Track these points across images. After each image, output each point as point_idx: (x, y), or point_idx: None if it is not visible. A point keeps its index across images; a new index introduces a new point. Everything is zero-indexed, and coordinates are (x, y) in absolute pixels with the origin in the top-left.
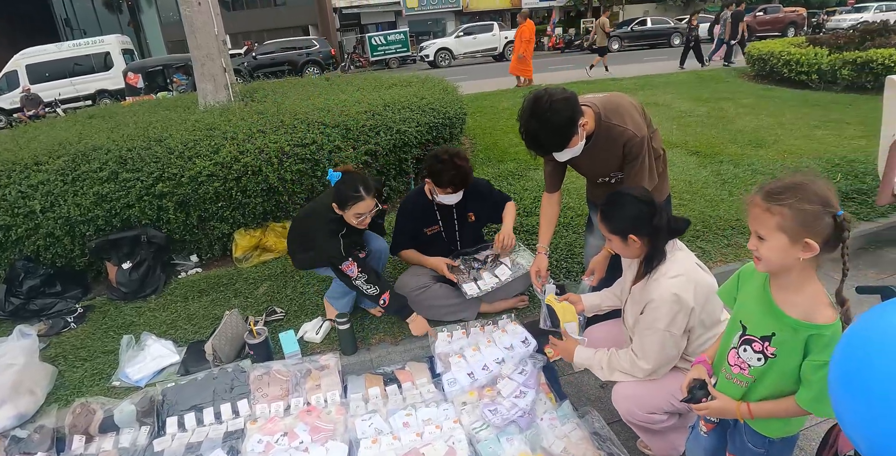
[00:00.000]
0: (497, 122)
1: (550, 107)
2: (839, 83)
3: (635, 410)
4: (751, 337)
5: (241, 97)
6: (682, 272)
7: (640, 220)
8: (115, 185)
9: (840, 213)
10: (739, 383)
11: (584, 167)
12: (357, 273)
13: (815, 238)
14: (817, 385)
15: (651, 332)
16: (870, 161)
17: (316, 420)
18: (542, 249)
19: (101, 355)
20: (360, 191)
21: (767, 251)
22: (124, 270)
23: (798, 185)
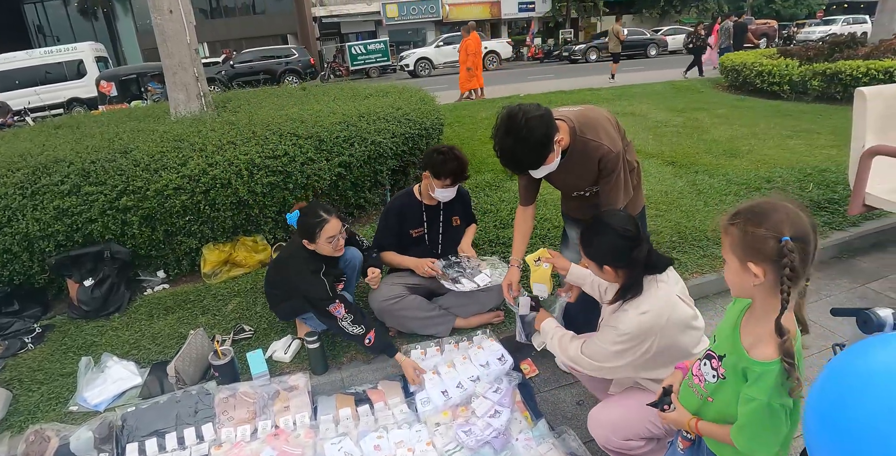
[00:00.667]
0: (475, 133)
1: (526, 124)
2: (809, 94)
3: (612, 437)
4: (712, 353)
5: (213, 107)
6: (654, 310)
7: (618, 253)
8: (76, 198)
9: (784, 240)
10: (696, 393)
11: (558, 181)
12: (343, 314)
13: (761, 263)
14: (743, 417)
15: (602, 347)
16: (840, 171)
17: (284, 444)
18: (514, 262)
19: (59, 378)
20: (322, 215)
21: (726, 273)
22: (86, 288)
23: (755, 207)
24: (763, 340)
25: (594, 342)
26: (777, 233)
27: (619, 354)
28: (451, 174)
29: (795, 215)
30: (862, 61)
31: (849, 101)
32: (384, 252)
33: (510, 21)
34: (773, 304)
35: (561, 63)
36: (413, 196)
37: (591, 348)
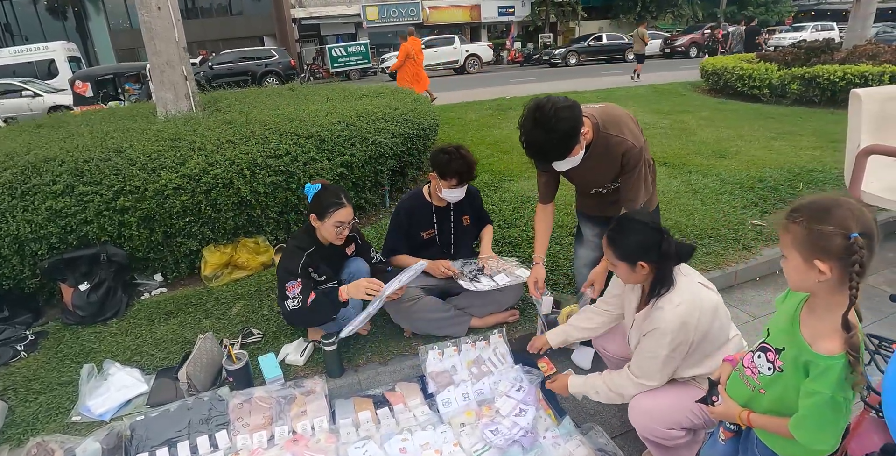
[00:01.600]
0: (466, 134)
1: (555, 115)
2: (788, 97)
3: (654, 425)
4: (767, 345)
5: (203, 107)
6: (686, 300)
7: (649, 246)
8: (70, 199)
9: (853, 236)
10: (748, 386)
11: (578, 178)
12: (295, 294)
13: (827, 260)
14: (804, 410)
15: (653, 357)
16: (827, 170)
17: (304, 450)
18: (538, 259)
19: (58, 387)
20: (342, 198)
21: (786, 269)
22: (81, 292)
23: (817, 203)
24: (826, 335)
25: (640, 359)
26: (845, 229)
27: (671, 356)
28: (456, 174)
29: (860, 211)
30: (838, 66)
31: (827, 104)
32: (397, 256)
33: (490, 25)
34: (838, 299)
35: (541, 67)
36: (422, 198)
37: (642, 366)
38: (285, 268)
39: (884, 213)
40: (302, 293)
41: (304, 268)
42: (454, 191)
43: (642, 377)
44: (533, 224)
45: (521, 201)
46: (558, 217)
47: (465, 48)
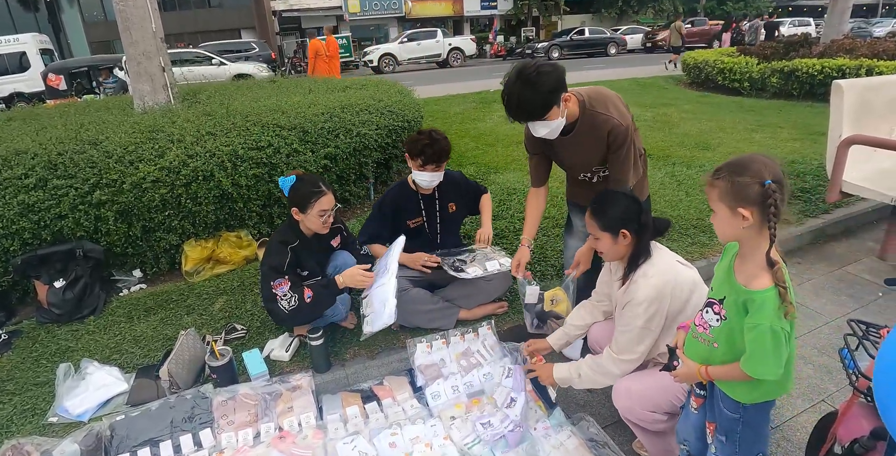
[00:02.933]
0: (450, 127)
1: (537, 70)
2: (768, 90)
3: (635, 407)
4: (712, 300)
5: (182, 99)
6: (661, 271)
7: (630, 216)
8: (43, 193)
9: (767, 183)
10: (703, 342)
11: (566, 158)
12: (285, 293)
13: (748, 207)
14: (749, 345)
15: (629, 329)
16: (807, 161)
17: (291, 447)
18: (524, 242)
19: (33, 388)
20: (321, 186)
21: (715, 223)
22: (56, 290)
23: (735, 161)
24: (756, 274)
25: (618, 334)
26: (760, 178)
27: (647, 327)
28: (420, 154)
29: (771, 163)
30: (816, 60)
31: (806, 97)
32: (372, 244)
33: (473, 18)
34: (760, 241)
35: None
36: (407, 186)
37: (619, 341)
38: (270, 265)
39: (863, 203)
40: (293, 291)
41: (291, 266)
42: (422, 174)
43: (621, 353)
44: (520, 215)
45: (507, 193)
46: (548, 209)
47: (448, 42)
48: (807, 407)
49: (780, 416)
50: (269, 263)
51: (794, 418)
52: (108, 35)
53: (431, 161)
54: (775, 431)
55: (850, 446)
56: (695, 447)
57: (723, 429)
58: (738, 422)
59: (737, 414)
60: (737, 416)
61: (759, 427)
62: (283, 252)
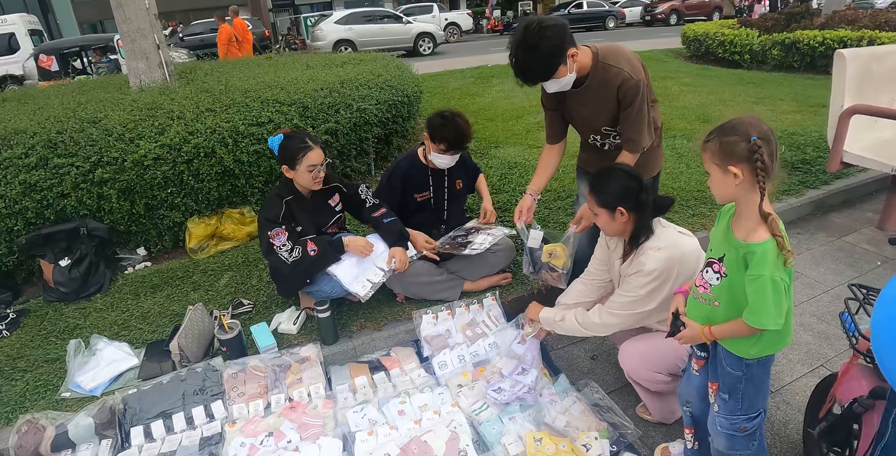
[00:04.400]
0: (448, 103)
1: (538, 33)
2: (769, 63)
3: (641, 368)
4: (712, 259)
5: (177, 77)
6: (667, 245)
7: (629, 193)
8: (45, 172)
9: (753, 139)
10: (704, 302)
11: (578, 114)
12: (283, 242)
13: (738, 164)
14: (751, 297)
15: (628, 294)
16: (807, 133)
17: (302, 416)
18: (529, 191)
19: (44, 364)
20: (307, 141)
21: (711, 184)
22: (62, 268)
23: (724, 124)
24: (754, 228)
25: (618, 297)
26: (746, 136)
27: (650, 295)
28: (444, 140)
29: (756, 121)
30: (818, 31)
31: (806, 69)
32: None
33: None
34: (753, 197)
35: None
36: (418, 159)
37: (618, 302)
38: (265, 217)
39: (863, 174)
40: (291, 240)
41: (286, 219)
42: (443, 157)
43: (620, 309)
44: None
45: (508, 167)
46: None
47: (445, 16)
48: (806, 372)
49: (780, 380)
50: (264, 215)
51: (794, 383)
52: (97, 15)
53: (454, 147)
54: (775, 394)
55: (850, 406)
56: (697, 408)
57: (726, 387)
58: (741, 379)
59: (740, 371)
60: (740, 373)
61: (760, 382)
62: (277, 204)
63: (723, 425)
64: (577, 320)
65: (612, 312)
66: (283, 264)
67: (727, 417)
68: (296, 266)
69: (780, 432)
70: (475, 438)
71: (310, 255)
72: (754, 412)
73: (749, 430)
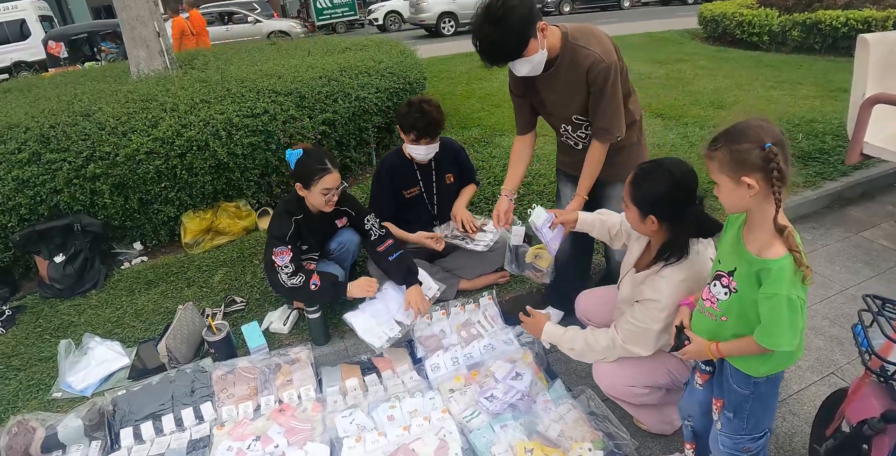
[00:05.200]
0: (455, 87)
1: (503, 4)
2: (788, 44)
3: (617, 383)
4: (720, 272)
5: (178, 64)
6: (689, 277)
7: (668, 204)
8: (38, 167)
9: (767, 146)
10: (710, 317)
11: (547, 100)
12: (286, 263)
13: (752, 174)
14: (765, 316)
15: (642, 328)
16: (827, 120)
17: (291, 420)
18: (504, 191)
19: (38, 363)
20: (327, 163)
21: (720, 195)
22: (57, 264)
23: (730, 129)
24: (768, 243)
25: (632, 327)
26: (759, 142)
27: (664, 330)
28: (412, 128)
29: (767, 124)
30: (841, 11)
31: (828, 51)
32: (385, 222)
33: None
34: (767, 208)
35: None
36: (402, 155)
37: (630, 333)
38: (273, 234)
39: (884, 165)
40: (294, 263)
41: (292, 239)
42: (417, 147)
43: (629, 343)
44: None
45: None
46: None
47: None
48: (815, 379)
49: (788, 388)
50: (272, 232)
51: (802, 391)
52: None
53: (425, 135)
54: (782, 404)
55: (859, 427)
56: (699, 423)
57: (731, 405)
58: (748, 397)
59: (747, 389)
60: (747, 392)
61: (768, 401)
62: (287, 222)
63: (725, 445)
64: (589, 346)
65: (628, 347)
66: (279, 285)
67: (731, 436)
68: (292, 291)
69: (785, 445)
70: (465, 447)
71: (310, 288)
72: (759, 432)
73: (753, 450)
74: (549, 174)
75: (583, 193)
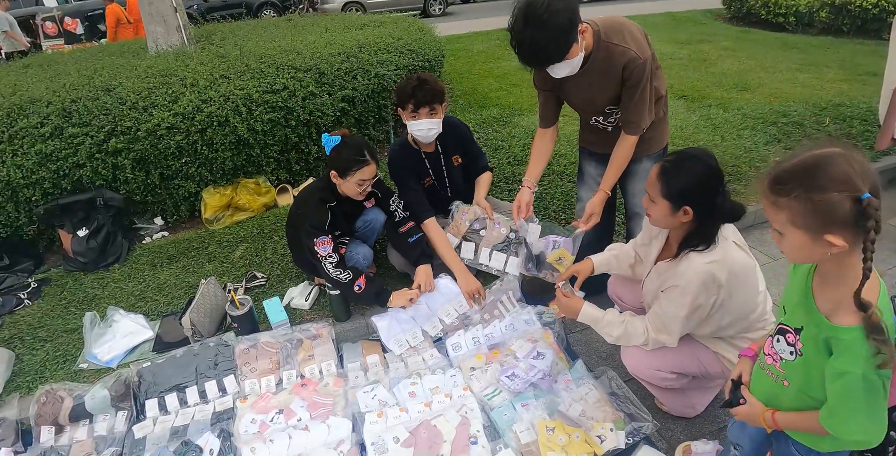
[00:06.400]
0: (473, 66)
1: (548, 8)
2: (816, 26)
3: (642, 366)
4: (785, 326)
5: (196, 40)
6: (717, 260)
7: (705, 193)
8: (60, 142)
9: (865, 197)
10: (771, 377)
11: (577, 96)
12: (329, 252)
13: (840, 231)
14: (833, 396)
15: (670, 315)
16: (854, 104)
17: (313, 394)
18: (526, 183)
19: (64, 335)
20: (365, 154)
21: (787, 248)
22: (80, 238)
23: (807, 168)
24: (846, 305)
25: (661, 315)
26: (854, 191)
27: (689, 317)
28: (411, 97)
29: (859, 163)
30: None
31: (857, 33)
32: (425, 222)
33: None
34: (849, 262)
35: None
36: (408, 146)
37: (659, 321)
38: (312, 224)
39: None
40: (348, 269)
41: (331, 226)
42: (419, 122)
43: (659, 333)
44: None
45: (531, 137)
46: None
47: None
48: None
49: None
50: (311, 222)
51: None
52: None
53: (424, 103)
54: None
55: None
56: (748, 453)
57: None
58: None
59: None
60: None
61: None
62: (323, 211)
63: None
64: (627, 333)
65: (657, 338)
66: (324, 274)
67: None
68: (335, 283)
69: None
70: (486, 424)
71: (353, 290)
72: None
73: None
74: (569, 154)
75: (606, 189)
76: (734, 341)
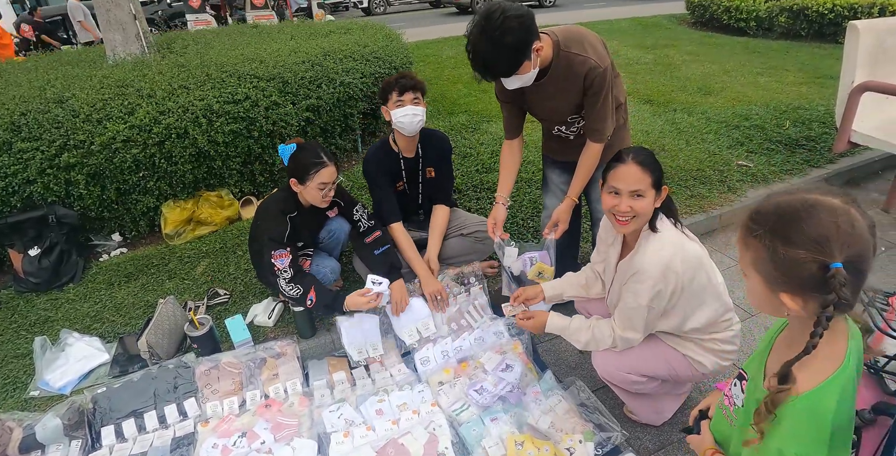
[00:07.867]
0: (442, 72)
1: (502, 25)
2: (775, 30)
3: (612, 369)
4: (743, 372)
5: (156, 48)
6: (668, 244)
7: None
8: (8, 157)
9: (834, 266)
10: (726, 418)
11: (539, 106)
12: (285, 267)
13: (798, 293)
14: None
15: (632, 307)
16: (813, 107)
17: (277, 415)
18: (499, 199)
19: (14, 360)
20: (322, 156)
21: (748, 292)
22: (32, 257)
23: (784, 214)
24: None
25: (623, 309)
26: (822, 256)
27: (650, 306)
28: (395, 84)
29: (848, 226)
30: None
31: (814, 38)
32: (392, 225)
33: None
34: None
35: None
36: (389, 147)
37: (624, 318)
38: (270, 237)
39: (869, 153)
40: (293, 267)
41: (290, 238)
42: (403, 109)
43: (625, 330)
44: None
45: (499, 144)
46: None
47: None
48: None
49: None
50: (269, 234)
51: None
52: None
53: (409, 87)
54: None
55: None
56: None
57: None
58: None
59: None
60: None
61: None
62: (282, 222)
63: None
64: (595, 338)
65: (624, 336)
66: (279, 289)
67: None
68: (290, 299)
69: None
70: (455, 440)
71: (306, 302)
72: None
73: None
74: (536, 161)
75: (573, 196)
76: (703, 343)
